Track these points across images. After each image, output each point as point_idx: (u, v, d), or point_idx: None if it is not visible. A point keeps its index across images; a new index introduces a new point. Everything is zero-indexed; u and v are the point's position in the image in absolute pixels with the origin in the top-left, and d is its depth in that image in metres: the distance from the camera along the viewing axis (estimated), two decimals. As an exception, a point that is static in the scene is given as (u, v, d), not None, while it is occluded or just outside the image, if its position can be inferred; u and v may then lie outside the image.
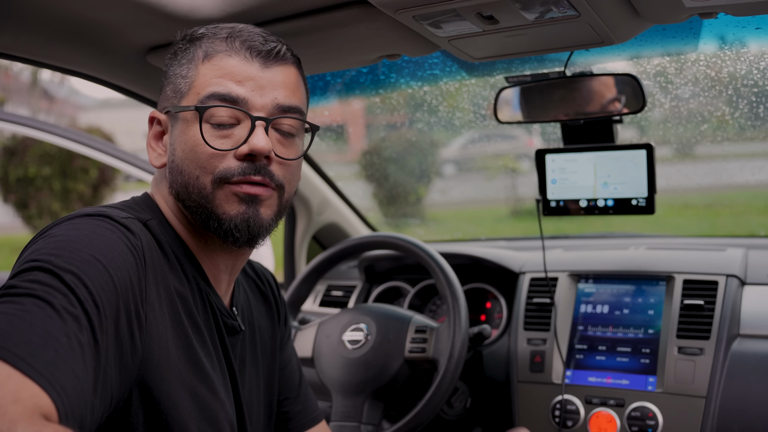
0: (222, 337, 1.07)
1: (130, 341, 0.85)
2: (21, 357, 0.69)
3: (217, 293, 1.09)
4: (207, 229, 1.03)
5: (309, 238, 2.44)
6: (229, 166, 1.00)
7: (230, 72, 1.01)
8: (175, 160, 1.03)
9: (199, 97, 1.00)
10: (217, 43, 1.02)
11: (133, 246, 0.90)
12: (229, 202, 1.01)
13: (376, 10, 1.18)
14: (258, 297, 1.26)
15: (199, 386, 0.97)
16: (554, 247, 2.14)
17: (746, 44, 1.74)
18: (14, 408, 0.64)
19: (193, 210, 1.02)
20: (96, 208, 0.95)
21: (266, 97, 1.02)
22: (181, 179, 1.02)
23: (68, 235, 0.86)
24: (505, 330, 1.91)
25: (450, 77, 2.04)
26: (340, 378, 1.64)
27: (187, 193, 1.02)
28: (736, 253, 1.83)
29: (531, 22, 1.19)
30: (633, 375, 1.67)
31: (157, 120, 1.08)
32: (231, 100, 1.00)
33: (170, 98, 1.05)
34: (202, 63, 1.02)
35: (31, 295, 0.76)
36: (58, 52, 1.41)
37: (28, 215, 10.12)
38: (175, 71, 1.05)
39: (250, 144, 0.99)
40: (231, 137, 1.01)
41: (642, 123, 3.32)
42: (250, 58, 1.02)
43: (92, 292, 0.80)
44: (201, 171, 1.00)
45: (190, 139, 1.01)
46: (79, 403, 0.72)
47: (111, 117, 18.22)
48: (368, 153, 6.15)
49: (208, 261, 1.07)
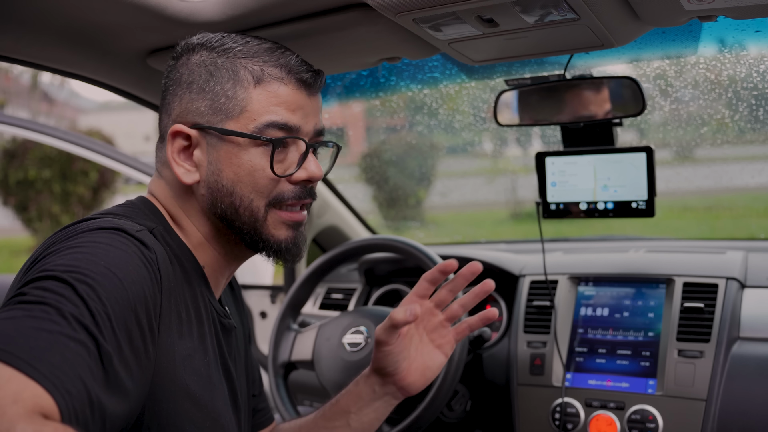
0: (219, 339, 1.08)
1: (145, 354, 0.85)
2: (24, 360, 0.69)
3: (214, 296, 1.10)
4: (253, 249, 1.10)
5: (309, 241, 2.44)
6: (284, 189, 1.06)
7: (285, 101, 1.05)
8: (221, 181, 1.04)
9: (256, 124, 1.03)
10: (268, 69, 1.05)
11: (148, 260, 0.91)
12: (279, 228, 1.08)
13: (376, 13, 1.18)
14: (230, 295, 1.29)
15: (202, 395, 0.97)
16: (554, 250, 2.14)
17: (746, 47, 1.74)
18: (14, 408, 0.64)
19: (242, 231, 1.06)
20: (108, 220, 0.95)
21: (310, 123, 1.09)
22: (230, 201, 1.05)
23: (85, 248, 0.87)
24: (505, 333, 1.91)
25: (450, 80, 2.05)
26: (340, 381, 1.63)
27: (237, 215, 1.05)
28: (736, 255, 1.83)
29: (531, 25, 1.19)
30: (633, 378, 1.67)
31: (182, 134, 1.05)
32: (287, 128, 1.05)
33: (205, 115, 1.04)
34: (254, 88, 1.04)
35: (42, 302, 0.76)
36: (58, 55, 1.42)
37: (28, 218, 10.12)
38: (213, 87, 1.04)
39: (309, 171, 1.07)
40: (284, 162, 1.07)
41: (642, 126, 3.32)
42: (300, 88, 1.07)
43: (105, 305, 0.80)
44: (256, 195, 1.05)
45: (245, 164, 1.03)
46: (83, 408, 0.72)
47: (111, 120, 18.26)
48: (368, 156, 6.16)
49: (215, 268, 1.10)
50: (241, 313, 1.30)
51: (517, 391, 1.78)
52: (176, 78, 1.07)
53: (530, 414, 1.75)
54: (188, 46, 1.08)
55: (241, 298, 1.34)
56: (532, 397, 1.75)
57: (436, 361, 1.25)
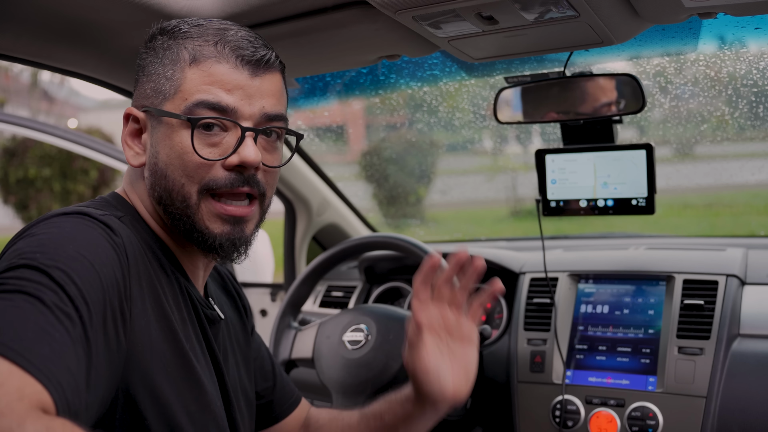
0: (204, 328, 1.06)
1: (116, 338, 0.85)
2: (19, 353, 0.69)
3: (195, 286, 1.08)
4: (189, 239, 1.03)
5: (309, 239, 2.44)
6: (217, 176, 0.99)
7: (220, 80, 0.99)
8: (158, 163, 1.01)
9: (187, 104, 0.98)
10: (205, 48, 1.00)
11: (114, 242, 0.89)
12: (213, 221, 1.01)
13: (376, 11, 1.18)
14: (222, 290, 1.27)
15: (185, 379, 0.96)
16: (554, 248, 2.14)
17: (746, 44, 1.74)
18: (20, 405, 0.64)
19: (176, 217, 1.01)
20: (71, 207, 0.94)
21: (254, 105, 1.01)
22: (164, 184, 1.01)
23: (50, 233, 0.86)
24: (506, 330, 1.91)
25: (450, 78, 2.05)
26: (341, 379, 1.64)
27: (170, 199, 1.01)
28: (736, 253, 1.84)
29: (530, 23, 1.19)
30: (633, 375, 1.67)
31: (134, 117, 1.05)
32: (220, 109, 0.98)
33: (150, 97, 1.02)
34: (189, 67, 0.99)
35: (21, 291, 0.75)
36: (58, 54, 1.42)
37: (29, 216, 10.13)
38: (157, 69, 1.02)
39: (241, 156, 0.99)
40: (219, 146, 1.00)
41: (642, 123, 3.32)
42: (239, 66, 1.00)
43: (81, 289, 0.79)
44: (187, 179, 0.99)
45: (176, 145, 0.99)
46: (75, 399, 0.72)
47: (111, 118, 18.21)
48: (368, 154, 6.14)
49: (186, 258, 1.07)
50: (237, 307, 1.29)
51: (517, 388, 1.78)
52: (138, 64, 1.07)
53: (530, 411, 1.75)
54: (152, 32, 1.07)
55: (238, 292, 1.32)
56: (532, 394, 1.75)
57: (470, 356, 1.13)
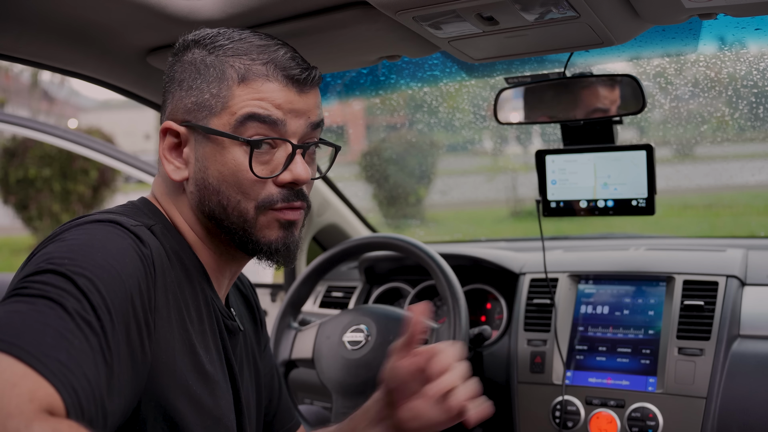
0: (224, 339, 1.07)
1: (140, 349, 0.85)
2: (35, 356, 0.69)
3: (218, 296, 1.10)
4: (242, 249, 1.06)
5: (309, 239, 2.44)
6: (272, 192, 1.03)
7: (269, 96, 1.02)
8: (207, 179, 1.03)
9: (236, 117, 1.00)
10: (254, 67, 1.02)
11: (142, 254, 0.90)
12: (270, 228, 1.04)
13: (376, 11, 1.18)
14: (241, 299, 1.28)
15: (203, 394, 0.97)
16: (554, 248, 2.14)
17: (746, 45, 1.74)
18: (30, 406, 0.65)
19: (231, 231, 1.04)
20: (104, 214, 0.95)
21: (301, 119, 1.04)
22: (217, 199, 1.03)
23: (81, 239, 0.86)
24: (506, 331, 1.91)
25: (450, 78, 2.05)
26: (341, 379, 1.64)
27: (225, 214, 1.03)
28: (736, 253, 1.84)
29: (531, 23, 1.19)
30: (633, 376, 1.67)
31: (172, 131, 1.05)
32: (271, 121, 1.01)
33: (192, 111, 1.03)
34: (238, 86, 1.01)
35: (44, 296, 0.76)
36: (58, 54, 1.41)
37: (29, 216, 10.13)
38: (200, 85, 1.03)
39: (294, 174, 1.03)
40: (270, 163, 1.03)
41: (642, 124, 3.33)
42: (288, 85, 1.03)
43: (105, 298, 0.80)
44: (243, 196, 1.02)
45: (228, 163, 1.01)
46: (90, 405, 0.72)
47: (111, 118, 18.25)
48: (368, 154, 6.15)
49: (214, 267, 1.09)
50: (254, 318, 1.29)
51: (517, 389, 1.78)
52: (171, 76, 1.08)
53: (530, 412, 1.75)
54: (184, 44, 1.08)
55: (257, 304, 1.32)
56: (532, 395, 1.75)
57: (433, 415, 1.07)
